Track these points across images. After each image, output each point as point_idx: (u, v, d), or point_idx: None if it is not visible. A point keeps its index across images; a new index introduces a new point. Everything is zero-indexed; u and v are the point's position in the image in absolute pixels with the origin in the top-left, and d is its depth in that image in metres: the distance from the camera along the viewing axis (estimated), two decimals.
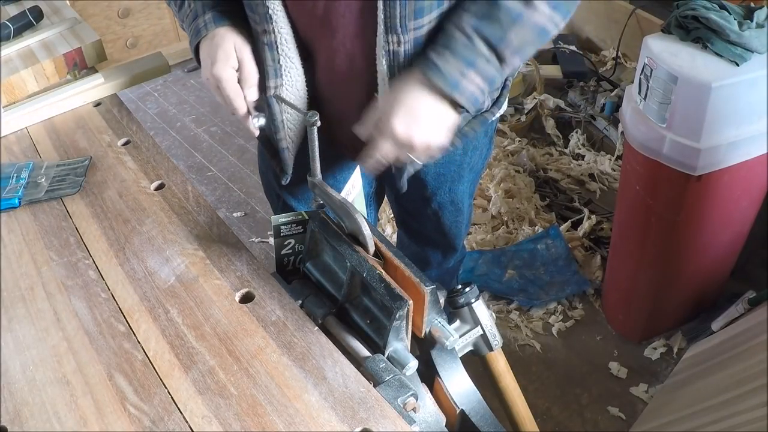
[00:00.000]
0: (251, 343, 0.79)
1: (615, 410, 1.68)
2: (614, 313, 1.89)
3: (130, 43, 3.21)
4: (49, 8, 1.51)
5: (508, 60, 0.88)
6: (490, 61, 0.87)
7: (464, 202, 1.28)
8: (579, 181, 2.37)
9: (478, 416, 0.88)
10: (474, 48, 0.86)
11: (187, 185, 1.04)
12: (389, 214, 2.21)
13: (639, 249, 1.69)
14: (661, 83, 1.37)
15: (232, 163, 2.70)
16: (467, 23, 0.86)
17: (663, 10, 2.33)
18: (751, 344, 1.38)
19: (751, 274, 1.86)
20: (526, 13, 0.85)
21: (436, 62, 0.87)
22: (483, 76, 0.88)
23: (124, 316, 0.83)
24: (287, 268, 0.93)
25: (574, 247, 2.10)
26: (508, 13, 0.85)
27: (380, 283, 0.77)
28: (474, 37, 0.86)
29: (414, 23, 0.87)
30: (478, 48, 0.86)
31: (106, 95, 1.29)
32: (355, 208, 0.81)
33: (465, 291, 0.89)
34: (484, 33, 0.86)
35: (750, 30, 1.32)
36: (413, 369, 0.79)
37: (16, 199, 1.02)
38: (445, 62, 0.86)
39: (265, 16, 0.90)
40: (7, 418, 0.72)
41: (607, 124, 2.37)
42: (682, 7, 1.41)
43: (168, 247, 0.93)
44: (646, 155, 1.46)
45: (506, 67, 0.89)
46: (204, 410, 0.72)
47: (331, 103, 1.02)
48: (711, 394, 1.32)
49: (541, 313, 1.95)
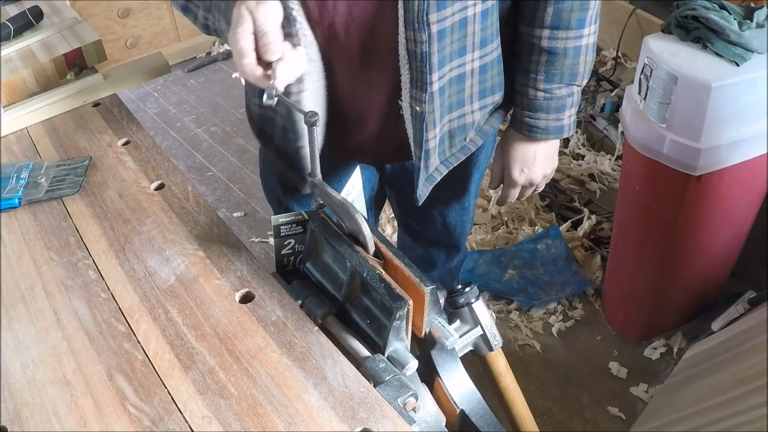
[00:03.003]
0: (251, 343, 0.79)
1: (615, 410, 1.68)
2: (614, 313, 1.89)
3: (130, 43, 3.21)
4: (49, 8, 1.51)
5: (583, 82, 1.03)
6: (573, 94, 1.03)
7: (470, 201, 1.28)
8: (579, 181, 2.37)
9: (478, 416, 0.88)
10: (557, 98, 1.01)
11: (187, 185, 1.04)
12: (389, 214, 2.21)
13: (639, 249, 1.69)
14: (661, 83, 1.37)
15: (232, 163, 2.70)
16: (542, 82, 1.00)
17: (663, 10, 2.33)
18: (751, 344, 1.38)
19: (751, 274, 1.86)
20: (580, 42, 0.97)
21: (535, 125, 1.04)
22: (573, 105, 1.04)
23: (124, 316, 0.83)
24: (287, 268, 0.93)
25: (574, 247, 2.10)
26: (568, 55, 0.98)
27: (380, 283, 0.77)
28: (553, 90, 1.01)
29: (437, 15, 0.85)
30: (560, 95, 1.01)
31: (106, 95, 1.29)
32: (355, 208, 0.81)
33: (465, 291, 0.88)
34: (558, 83, 1.00)
35: (750, 30, 1.32)
36: (413, 369, 0.79)
37: (16, 199, 1.02)
38: (540, 120, 1.04)
39: (288, 19, 0.86)
40: (7, 418, 0.72)
41: (607, 124, 2.37)
42: (682, 7, 1.41)
43: (168, 247, 0.93)
44: (646, 155, 1.46)
45: (582, 86, 1.04)
46: (204, 410, 0.72)
47: (349, 109, 1.00)
48: (711, 394, 1.32)
49: (541, 313, 1.95)
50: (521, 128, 1.06)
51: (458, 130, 1.03)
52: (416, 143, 0.97)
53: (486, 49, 0.96)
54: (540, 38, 0.97)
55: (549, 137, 1.06)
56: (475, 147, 1.08)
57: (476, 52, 0.95)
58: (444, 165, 1.05)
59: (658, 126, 1.41)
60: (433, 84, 0.90)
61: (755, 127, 1.37)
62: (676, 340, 1.81)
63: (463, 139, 1.05)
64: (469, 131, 1.04)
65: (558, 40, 0.96)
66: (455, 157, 1.06)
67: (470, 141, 1.06)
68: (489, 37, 0.95)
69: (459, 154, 1.06)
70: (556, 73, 0.99)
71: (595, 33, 0.99)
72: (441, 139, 1.00)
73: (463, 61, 0.94)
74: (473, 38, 0.93)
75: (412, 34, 0.86)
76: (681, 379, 1.55)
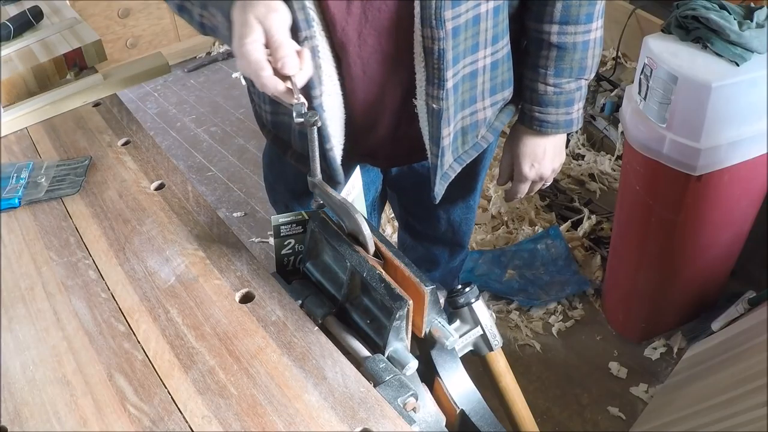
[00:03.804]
0: (251, 343, 0.79)
1: (615, 410, 1.68)
2: (614, 313, 1.89)
3: (130, 43, 3.21)
4: (49, 8, 1.51)
5: (591, 76, 1.04)
6: (581, 88, 1.04)
7: (475, 199, 1.29)
8: (579, 181, 2.37)
9: (478, 416, 0.88)
10: (567, 92, 1.02)
11: (187, 185, 1.04)
12: (389, 214, 2.21)
13: (639, 249, 1.69)
14: (661, 83, 1.37)
15: (232, 163, 2.70)
16: (551, 77, 1.01)
17: (663, 10, 2.33)
18: (751, 344, 1.38)
19: (751, 274, 1.86)
20: (588, 36, 0.98)
21: (545, 119, 1.05)
22: (581, 99, 1.06)
23: (124, 316, 0.83)
24: (287, 268, 0.93)
25: (574, 247, 2.10)
26: (575, 49, 0.98)
27: (380, 283, 0.77)
28: (561, 85, 1.01)
29: (452, 12, 0.85)
30: (569, 90, 1.02)
31: (106, 95, 1.29)
32: (355, 208, 0.81)
33: (465, 291, 0.88)
34: (567, 77, 1.01)
35: (750, 30, 1.32)
36: (413, 369, 0.79)
37: (16, 199, 1.02)
38: (550, 115, 1.04)
39: (305, 21, 0.84)
40: (7, 418, 0.72)
41: (607, 124, 2.37)
42: (682, 7, 1.41)
43: (168, 247, 0.93)
44: (646, 155, 1.46)
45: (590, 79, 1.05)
46: (204, 410, 0.72)
47: (363, 112, 0.98)
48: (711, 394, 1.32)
49: (541, 313, 1.95)
50: (531, 123, 1.06)
51: (471, 127, 1.03)
52: (432, 141, 0.97)
53: (497, 46, 0.96)
54: (549, 33, 0.97)
55: (559, 131, 1.07)
56: (486, 144, 1.08)
57: (488, 49, 0.95)
58: (457, 162, 1.05)
59: (658, 126, 1.41)
60: (448, 81, 0.91)
61: (755, 127, 1.37)
62: (676, 340, 1.81)
63: (475, 136, 1.05)
64: (480, 128, 1.05)
65: (567, 35, 0.96)
66: (468, 154, 1.06)
67: (482, 137, 1.07)
68: (500, 33, 0.95)
69: (471, 151, 1.06)
70: (565, 68, 1.00)
71: (602, 27, 0.99)
72: (455, 136, 1.01)
73: (475, 58, 0.94)
74: (485, 35, 0.93)
75: (429, 32, 0.85)
76: (681, 379, 1.55)
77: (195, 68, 3.39)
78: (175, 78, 3.31)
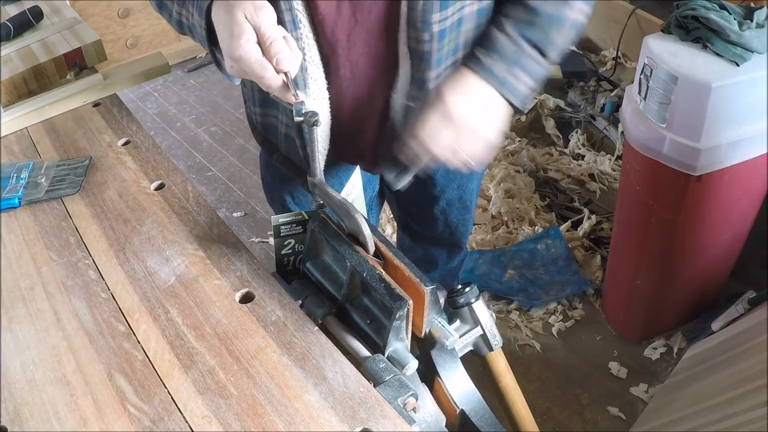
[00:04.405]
0: (251, 343, 0.79)
1: (615, 410, 1.68)
2: (614, 313, 1.89)
3: (130, 43, 3.21)
4: (49, 8, 1.51)
5: (552, 57, 0.91)
6: (536, 60, 0.90)
7: (472, 200, 1.28)
8: (579, 181, 2.37)
9: (478, 416, 0.88)
10: (520, 50, 0.88)
11: (187, 185, 1.04)
12: (389, 214, 2.21)
13: (639, 249, 1.69)
14: (661, 83, 1.37)
15: (232, 163, 2.70)
16: (511, 28, 0.89)
17: (663, 10, 2.33)
18: (751, 344, 1.38)
19: (751, 274, 1.86)
20: (564, 12, 0.89)
21: (484, 62, 0.88)
22: (531, 75, 0.90)
23: (124, 316, 0.83)
24: (287, 268, 0.93)
25: (574, 247, 2.10)
26: (548, 18, 0.88)
27: (380, 283, 0.77)
28: (519, 39, 0.88)
29: (439, 15, 0.85)
30: (524, 49, 0.88)
31: (106, 95, 1.29)
32: (355, 208, 0.81)
33: (465, 291, 0.88)
34: (528, 36, 0.88)
35: (750, 30, 1.32)
36: (413, 369, 0.79)
37: (16, 199, 1.02)
38: (493, 62, 0.88)
39: (292, 23, 0.84)
40: (7, 418, 0.72)
41: (607, 124, 2.37)
42: (682, 7, 1.41)
43: (168, 247, 0.93)
44: (646, 155, 1.46)
45: (550, 63, 0.92)
46: (204, 410, 0.72)
47: (350, 114, 0.98)
48: (711, 394, 1.32)
49: (541, 313, 1.95)
50: (467, 61, 0.91)
51: None
52: None
53: None
54: None
55: (489, 80, 0.88)
56: None
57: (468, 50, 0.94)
58: None
59: (658, 126, 1.41)
60: (430, 81, 0.91)
61: (755, 127, 1.37)
62: (676, 340, 1.81)
63: None
64: None
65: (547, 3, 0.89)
66: None
67: None
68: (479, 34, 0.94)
69: None
70: (531, 30, 0.89)
71: (584, 15, 0.91)
72: None
73: (456, 58, 0.94)
74: (466, 35, 0.92)
75: (414, 33, 0.86)
76: (681, 379, 1.55)
77: (195, 68, 3.39)
78: (175, 78, 3.31)
